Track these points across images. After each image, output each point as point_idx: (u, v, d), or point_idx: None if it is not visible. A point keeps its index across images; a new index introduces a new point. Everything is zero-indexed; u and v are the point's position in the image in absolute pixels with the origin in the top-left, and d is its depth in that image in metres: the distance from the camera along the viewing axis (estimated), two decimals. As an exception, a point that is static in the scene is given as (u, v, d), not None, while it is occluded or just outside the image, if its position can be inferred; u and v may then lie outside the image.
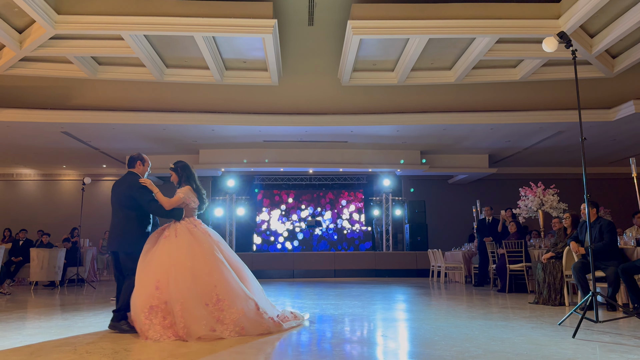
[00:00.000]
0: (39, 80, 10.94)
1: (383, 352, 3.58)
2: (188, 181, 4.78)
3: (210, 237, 4.56)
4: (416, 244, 15.43)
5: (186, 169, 4.85)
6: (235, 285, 4.29)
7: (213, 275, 4.24)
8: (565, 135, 12.73)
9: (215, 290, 4.19)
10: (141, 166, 4.99)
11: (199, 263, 4.28)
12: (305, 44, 11.17)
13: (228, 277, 4.29)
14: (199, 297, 4.12)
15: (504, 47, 9.82)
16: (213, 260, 4.34)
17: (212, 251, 4.40)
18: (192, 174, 4.86)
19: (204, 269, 4.26)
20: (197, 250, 4.36)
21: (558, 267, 6.69)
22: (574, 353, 3.42)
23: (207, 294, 4.15)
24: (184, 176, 4.80)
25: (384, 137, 13.23)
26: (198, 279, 4.19)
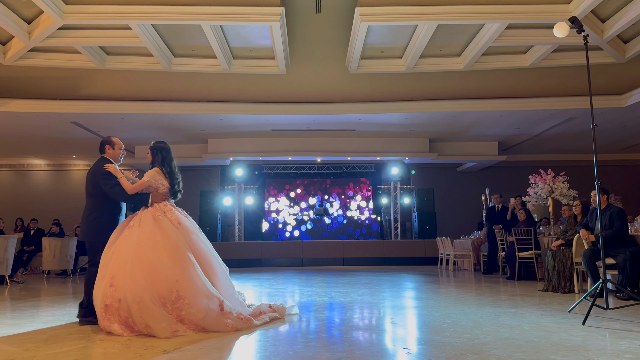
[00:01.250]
0: (48, 70, 10.98)
1: (393, 339, 3.60)
2: (160, 163, 4.41)
3: (181, 225, 4.17)
4: (425, 232, 15.42)
5: (161, 151, 4.47)
6: (198, 281, 3.90)
7: (175, 269, 3.87)
8: (575, 122, 12.61)
9: (177, 285, 3.82)
10: (111, 150, 4.68)
11: (161, 256, 3.91)
12: (312, 32, 11.10)
13: (192, 273, 3.91)
14: (157, 296, 3.77)
15: (513, 32, 9.70)
16: (176, 252, 3.96)
17: (176, 242, 4.01)
18: (167, 156, 4.45)
19: (166, 263, 3.88)
20: (160, 242, 3.99)
21: (568, 254, 6.67)
22: (584, 340, 3.41)
23: (166, 290, 3.80)
24: (157, 158, 4.44)
25: (392, 125, 13.18)
26: (158, 274, 3.84)
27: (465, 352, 3.06)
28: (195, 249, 4.10)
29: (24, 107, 11.01)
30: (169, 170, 4.40)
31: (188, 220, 4.35)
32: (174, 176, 4.45)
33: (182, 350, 3.21)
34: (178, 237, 4.04)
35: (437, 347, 3.22)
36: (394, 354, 3.14)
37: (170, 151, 4.53)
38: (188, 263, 3.93)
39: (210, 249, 4.34)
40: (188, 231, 4.17)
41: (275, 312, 4.45)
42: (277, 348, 3.27)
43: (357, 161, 16.70)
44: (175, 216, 4.22)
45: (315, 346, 3.33)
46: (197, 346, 3.35)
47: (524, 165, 16.35)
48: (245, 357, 3.10)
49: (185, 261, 3.93)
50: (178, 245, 3.99)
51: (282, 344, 3.40)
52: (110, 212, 4.46)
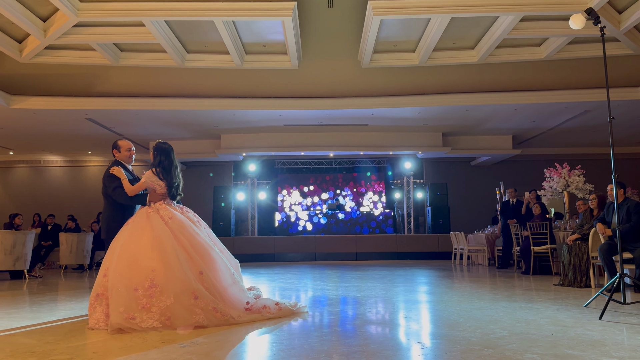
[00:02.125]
0: (63, 68, 11.10)
1: (407, 333, 3.60)
2: (156, 165, 4.48)
3: (172, 219, 4.21)
4: (438, 227, 15.36)
5: (161, 152, 4.53)
6: (177, 271, 3.90)
7: (154, 260, 3.93)
8: (591, 115, 12.45)
9: (152, 275, 3.87)
10: (118, 153, 4.87)
11: (143, 247, 4.01)
12: (325, 26, 11.09)
13: (172, 263, 3.93)
14: (131, 283, 3.83)
15: (528, 25, 9.60)
16: (159, 244, 4.02)
17: (160, 236, 4.07)
18: (165, 158, 4.51)
19: (147, 254, 3.97)
20: (146, 235, 4.09)
21: (584, 248, 6.61)
22: (601, 335, 3.39)
23: (142, 278, 3.86)
24: (156, 159, 4.52)
25: (405, 119, 13.13)
26: (137, 264, 3.92)
27: (480, 347, 3.06)
28: (187, 241, 4.12)
29: (40, 104, 11.15)
30: (162, 172, 4.46)
31: (185, 215, 4.39)
32: (171, 178, 4.48)
33: (198, 344, 3.25)
34: (163, 231, 4.10)
35: (452, 342, 3.22)
36: (408, 348, 3.15)
37: (169, 153, 4.56)
38: (169, 254, 3.98)
39: (210, 241, 4.33)
40: (180, 225, 4.21)
41: (280, 310, 4.27)
42: (292, 342, 3.29)
43: (369, 156, 16.66)
44: (167, 212, 4.28)
45: (330, 340, 3.35)
46: (213, 339, 3.38)
47: (539, 159, 16.19)
48: (261, 351, 3.12)
49: (166, 253, 3.98)
50: (162, 238, 4.05)
51: (296, 338, 3.42)
52: (121, 211, 4.62)
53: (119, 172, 4.59)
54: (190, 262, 4.02)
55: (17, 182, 17.38)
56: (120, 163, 4.81)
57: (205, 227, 4.56)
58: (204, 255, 4.13)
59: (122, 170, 4.63)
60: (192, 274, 3.95)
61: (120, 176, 4.56)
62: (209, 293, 3.93)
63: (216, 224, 15.59)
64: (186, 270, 3.93)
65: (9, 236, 8.72)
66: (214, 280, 4.03)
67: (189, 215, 4.47)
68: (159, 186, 4.43)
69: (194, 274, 3.97)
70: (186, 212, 4.50)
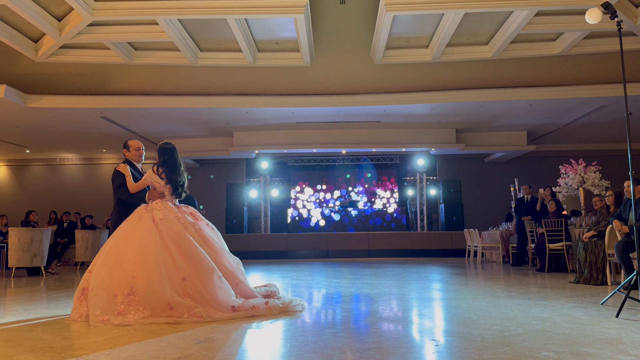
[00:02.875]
0: (78, 66, 11.22)
1: (421, 331, 3.59)
2: (160, 164, 4.59)
3: (163, 221, 4.24)
4: (451, 224, 15.28)
5: (164, 152, 4.64)
6: (157, 283, 3.94)
7: (136, 267, 3.98)
8: (607, 110, 12.28)
9: (132, 281, 3.93)
10: (127, 152, 5.00)
11: (129, 251, 4.08)
12: (337, 23, 11.06)
13: (153, 272, 3.96)
14: (111, 286, 3.92)
15: (543, 19, 9.48)
16: (144, 250, 4.06)
17: (145, 241, 4.11)
18: (169, 158, 4.62)
19: (130, 259, 4.03)
20: (134, 238, 4.15)
21: (600, 245, 6.53)
22: (618, 332, 3.35)
23: (122, 284, 3.93)
24: (160, 159, 4.63)
25: (418, 115, 13.06)
26: (120, 268, 3.99)
27: (495, 344, 3.04)
28: (174, 245, 4.14)
29: (56, 102, 11.27)
30: (166, 171, 4.55)
31: (182, 214, 4.40)
32: (175, 176, 4.57)
33: (213, 340, 3.27)
34: (150, 235, 4.15)
35: (467, 339, 3.20)
36: (422, 345, 3.14)
37: (172, 152, 4.67)
38: (151, 262, 4.02)
39: (213, 239, 4.40)
40: (170, 227, 4.23)
41: (269, 309, 4.16)
42: (305, 338, 3.30)
43: (382, 153, 16.61)
44: (160, 213, 4.32)
45: (344, 337, 3.35)
46: (228, 336, 3.41)
47: (554, 155, 16.02)
48: (275, 347, 3.14)
49: (149, 260, 4.03)
50: (147, 244, 4.11)
51: (310, 334, 3.43)
52: (128, 208, 4.67)
53: (125, 169, 4.70)
54: (174, 269, 4.05)
55: (33, 180, 17.61)
56: (130, 162, 4.94)
57: (207, 224, 4.58)
58: (191, 258, 4.12)
59: (127, 168, 4.72)
60: (170, 284, 3.98)
61: (125, 173, 4.67)
62: (190, 300, 3.95)
63: (229, 222, 15.67)
64: (164, 280, 3.96)
65: (27, 233, 8.85)
66: (199, 284, 4.02)
67: (186, 214, 4.47)
68: (158, 184, 4.53)
69: (176, 281, 4.01)
70: (184, 211, 4.52)
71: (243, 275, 4.51)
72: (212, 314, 3.94)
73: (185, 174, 4.71)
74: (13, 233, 8.81)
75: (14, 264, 8.75)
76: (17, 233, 8.79)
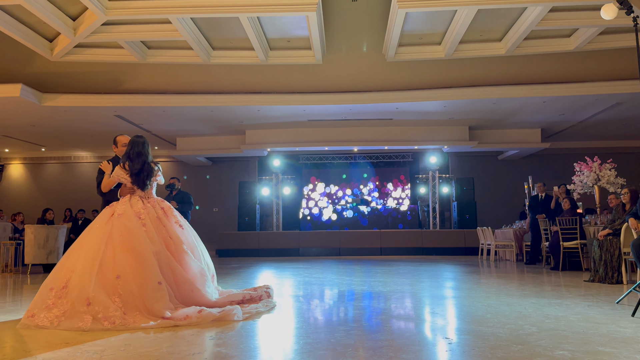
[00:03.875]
0: (93, 65, 11.34)
1: (434, 329, 3.58)
2: (125, 158, 4.46)
3: (121, 216, 4.12)
4: (464, 222, 15.19)
5: (132, 145, 4.48)
6: (84, 277, 3.79)
7: (77, 260, 3.92)
8: (623, 107, 12.12)
9: (70, 275, 3.86)
10: (116, 148, 5.01)
11: (77, 246, 4.06)
12: (349, 21, 11.04)
13: (85, 267, 3.85)
14: (53, 280, 3.90)
15: (557, 15, 9.39)
16: (86, 245, 4.02)
17: (92, 235, 4.06)
18: (131, 149, 4.45)
19: (75, 253, 4.01)
20: (87, 233, 4.13)
21: (616, 244, 6.45)
22: (634, 332, 3.31)
23: (61, 277, 3.89)
24: (125, 152, 4.51)
25: (430, 113, 12.99)
26: (65, 262, 3.97)
27: (509, 343, 3.02)
28: (120, 241, 3.99)
29: (71, 101, 11.40)
30: (128, 162, 4.43)
31: (142, 212, 4.22)
32: (132, 166, 4.39)
33: (227, 336, 3.29)
34: (94, 231, 4.09)
35: (480, 337, 3.19)
36: (435, 343, 3.13)
37: (138, 144, 4.48)
38: (86, 257, 3.91)
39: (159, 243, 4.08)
40: (123, 223, 4.08)
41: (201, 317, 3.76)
42: (318, 336, 3.31)
43: (394, 150, 16.57)
44: (120, 207, 4.22)
45: (357, 334, 3.35)
46: (241, 332, 3.43)
47: (569, 152, 15.85)
48: (288, 344, 3.15)
49: (86, 255, 3.92)
50: (88, 238, 4.05)
51: (323, 332, 3.44)
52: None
53: (105, 166, 4.66)
54: (110, 266, 3.87)
55: (48, 178, 17.84)
56: (119, 158, 4.83)
57: (177, 222, 4.36)
58: (137, 257, 3.92)
59: (109, 165, 4.65)
60: (100, 280, 3.80)
61: (105, 171, 4.63)
62: (118, 300, 3.73)
63: (241, 219, 15.73)
64: (92, 275, 3.79)
65: (42, 230, 8.97)
66: (133, 285, 3.81)
67: (157, 208, 4.33)
68: (125, 179, 4.41)
69: (109, 279, 3.82)
70: (155, 205, 4.37)
71: (203, 284, 4.17)
72: (132, 320, 3.65)
73: (152, 164, 4.49)
74: (29, 230, 8.94)
75: (30, 261, 8.88)
76: (33, 230, 8.92)
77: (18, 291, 6.22)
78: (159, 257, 3.98)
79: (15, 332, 3.55)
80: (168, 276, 3.98)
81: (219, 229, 15.80)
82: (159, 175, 4.56)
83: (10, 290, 6.30)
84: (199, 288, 4.10)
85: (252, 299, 4.50)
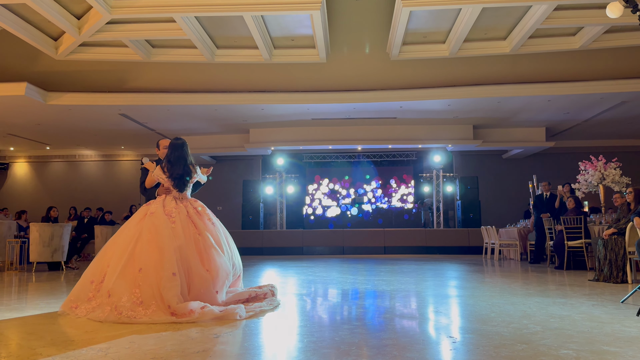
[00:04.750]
0: (97, 64, 11.37)
1: (438, 328, 3.58)
2: (165, 160, 4.66)
3: (152, 215, 4.31)
4: (468, 221, 15.17)
5: (172, 149, 4.66)
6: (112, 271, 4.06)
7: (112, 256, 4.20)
8: (628, 106, 12.06)
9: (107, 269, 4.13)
10: (158, 151, 5.31)
11: (113, 242, 4.34)
12: (353, 19, 11.03)
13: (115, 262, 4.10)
14: (92, 273, 4.21)
15: (562, 14, 9.34)
16: (120, 241, 4.27)
17: (126, 232, 4.30)
18: (171, 153, 4.62)
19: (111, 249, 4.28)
20: (122, 230, 4.38)
21: (620, 243, 6.43)
22: (639, 331, 3.30)
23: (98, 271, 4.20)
24: (166, 155, 4.71)
25: (434, 111, 12.97)
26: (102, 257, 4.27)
27: (513, 342, 3.02)
28: (148, 238, 4.17)
29: (75, 100, 11.43)
30: (167, 165, 4.60)
31: (173, 211, 4.36)
32: (173, 170, 4.56)
33: (230, 334, 3.30)
34: (127, 228, 4.34)
35: (484, 336, 3.18)
36: (439, 342, 3.13)
37: (178, 147, 4.65)
38: (118, 252, 4.16)
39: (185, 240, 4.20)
40: (152, 222, 4.27)
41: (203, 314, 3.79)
42: (322, 334, 3.31)
43: (398, 149, 16.55)
44: (154, 207, 4.41)
45: (361, 333, 3.35)
46: (244, 331, 3.43)
47: (574, 151, 15.79)
48: (292, 342, 3.15)
49: (118, 250, 4.18)
50: (121, 235, 4.31)
51: (327, 330, 3.44)
52: None
53: (150, 165, 4.82)
54: (137, 260, 4.06)
55: (53, 176, 17.91)
56: (161, 160, 5.06)
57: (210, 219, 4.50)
58: (160, 251, 4.06)
59: (153, 164, 4.82)
60: (124, 273, 4.00)
61: (149, 169, 4.81)
62: (138, 291, 3.90)
63: (245, 218, 15.76)
64: (116, 269, 4.03)
65: (47, 229, 9.01)
66: (153, 278, 3.95)
67: (189, 207, 4.48)
68: (163, 180, 4.60)
69: (133, 272, 4.00)
70: (189, 205, 4.52)
71: (219, 284, 4.17)
72: (142, 312, 3.78)
73: (190, 167, 4.64)
74: (34, 228, 8.97)
75: (35, 259, 8.91)
76: (38, 228, 8.95)
77: (23, 289, 6.25)
78: (180, 251, 4.11)
79: (21, 330, 3.58)
80: (182, 271, 4.07)
81: (222, 227, 15.79)
82: (195, 178, 4.75)
83: (16, 288, 6.33)
84: (211, 287, 4.11)
85: (257, 297, 4.54)
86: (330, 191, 17.38)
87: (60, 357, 2.77)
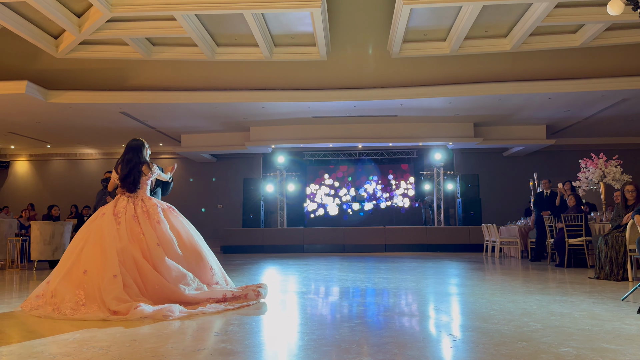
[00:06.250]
0: (97, 62, 11.37)
1: (439, 325, 3.58)
2: (117, 162, 4.84)
3: (103, 216, 4.44)
4: (469, 219, 15.17)
5: (125, 150, 4.81)
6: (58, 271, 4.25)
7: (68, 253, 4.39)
8: (629, 104, 12.05)
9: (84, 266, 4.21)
10: None
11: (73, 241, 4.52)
12: (353, 17, 11.02)
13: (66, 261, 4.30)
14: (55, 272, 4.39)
15: (563, 11, 9.33)
16: (76, 240, 4.44)
17: (80, 233, 4.47)
18: (124, 153, 4.77)
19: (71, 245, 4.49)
20: (76, 234, 4.55)
21: (621, 241, 6.43)
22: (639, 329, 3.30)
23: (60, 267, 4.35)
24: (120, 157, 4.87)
25: (435, 109, 12.96)
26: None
27: (514, 340, 3.02)
28: (95, 238, 4.30)
29: (76, 98, 11.44)
30: (119, 167, 4.75)
31: (120, 211, 4.46)
32: (120, 170, 4.71)
33: (231, 332, 3.30)
34: (81, 231, 4.49)
35: (485, 334, 3.18)
36: (440, 340, 3.13)
37: (128, 149, 4.78)
38: (66, 254, 4.39)
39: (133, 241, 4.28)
40: (98, 223, 4.41)
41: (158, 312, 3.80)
42: (323, 332, 3.31)
43: (399, 147, 16.55)
44: (105, 208, 4.58)
45: (361, 331, 3.36)
46: (244, 327, 3.44)
47: (574, 149, 15.78)
48: (293, 340, 3.16)
49: (66, 255, 4.38)
50: (75, 238, 4.47)
51: (328, 328, 3.45)
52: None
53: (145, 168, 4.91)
54: (82, 262, 4.18)
55: (54, 174, 17.92)
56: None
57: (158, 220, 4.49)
58: (103, 253, 4.17)
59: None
60: (68, 274, 4.14)
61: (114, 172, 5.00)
62: (82, 292, 3.97)
63: (246, 216, 15.76)
64: (61, 271, 4.21)
65: (48, 227, 9.02)
66: (96, 278, 4.02)
67: (137, 207, 4.54)
68: (116, 180, 4.79)
69: (78, 273, 4.12)
70: (137, 203, 4.58)
71: (175, 279, 4.21)
72: (85, 311, 3.85)
73: (142, 167, 4.70)
74: (35, 226, 8.98)
75: (36, 257, 8.93)
76: (39, 227, 8.96)
77: (24, 287, 6.26)
78: (123, 253, 4.18)
79: (18, 322, 3.59)
80: (132, 272, 4.14)
81: (223, 225, 15.84)
82: (150, 176, 4.78)
83: (17, 286, 6.34)
84: (166, 284, 4.16)
85: (234, 297, 4.38)
86: (330, 189, 17.38)
87: (62, 355, 2.78)
